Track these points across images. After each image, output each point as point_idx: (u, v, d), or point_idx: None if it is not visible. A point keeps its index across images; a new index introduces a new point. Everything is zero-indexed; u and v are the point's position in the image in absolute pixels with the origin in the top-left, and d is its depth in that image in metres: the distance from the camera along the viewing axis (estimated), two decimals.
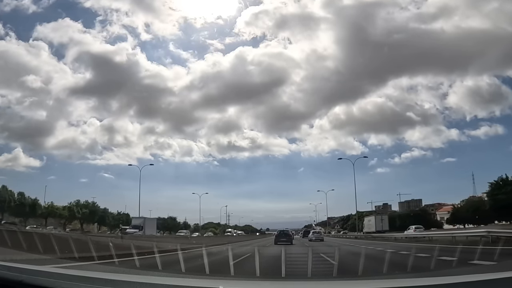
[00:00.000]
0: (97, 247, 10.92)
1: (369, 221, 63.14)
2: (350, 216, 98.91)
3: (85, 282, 2.32)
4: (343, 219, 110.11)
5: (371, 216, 66.39)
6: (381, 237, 43.68)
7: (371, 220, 62.38)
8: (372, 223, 61.00)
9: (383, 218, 61.25)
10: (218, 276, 7.22)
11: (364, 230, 63.65)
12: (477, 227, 39.11)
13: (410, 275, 7.27)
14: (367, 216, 72.43)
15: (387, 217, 63.62)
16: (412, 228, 39.56)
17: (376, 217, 63.18)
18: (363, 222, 67.98)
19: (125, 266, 9.36)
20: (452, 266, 9.29)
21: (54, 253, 9.38)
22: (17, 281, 2.23)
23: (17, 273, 2.39)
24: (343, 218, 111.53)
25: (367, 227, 63.35)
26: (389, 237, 41.31)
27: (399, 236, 38.18)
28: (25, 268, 2.59)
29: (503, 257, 10.43)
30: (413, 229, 39.18)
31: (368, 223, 63.06)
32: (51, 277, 2.38)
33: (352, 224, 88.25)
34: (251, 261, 11.04)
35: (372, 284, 3.53)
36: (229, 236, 63.48)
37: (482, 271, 3.35)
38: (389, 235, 43.83)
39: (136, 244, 14.23)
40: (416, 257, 11.97)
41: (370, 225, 61.18)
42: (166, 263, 9.86)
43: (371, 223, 61.35)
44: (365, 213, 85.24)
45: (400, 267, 9.75)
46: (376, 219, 61.40)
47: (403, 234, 38.62)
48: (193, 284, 2.65)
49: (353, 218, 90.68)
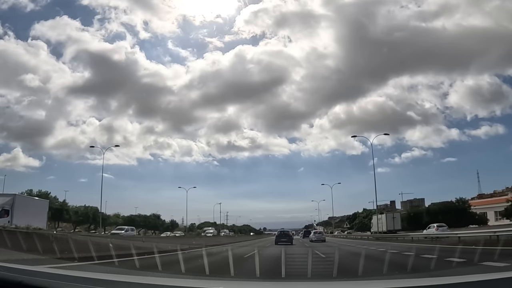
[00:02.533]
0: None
1: (378, 220, 56.77)
2: (356, 214, 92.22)
3: (85, 283, 2.32)
4: (348, 217, 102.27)
5: (381, 214, 59.29)
6: (394, 238, 38.35)
7: (381, 219, 56.04)
8: (382, 222, 54.93)
9: (395, 215, 55.41)
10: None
11: (372, 230, 58.95)
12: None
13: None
14: (375, 214, 66.22)
15: (399, 214, 57.91)
16: (434, 227, 35.52)
17: (387, 214, 56.46)
18: (371, 221, 62.93)
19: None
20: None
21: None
22: (17, 282, 2.22)
23: (17, 274, 2.39)
24: (349, 217, 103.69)
25: (375, 226, 57.39)
26: (403, 237, 36.36)
27: (417, 236, 33.31)
28: (25, 269, 2.59)
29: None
30: (434, 227, 35.15)
31: (377, 221, 56.84)
32: (51, 278, 2.38)
33: (360, 223, 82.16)
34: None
35: (372, 284, 3.52)
36: (206, 237, 48.62)
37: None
38: (403, 235, 39.18)
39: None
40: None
41: (380, 224, 55.08)
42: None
43: (380, 222, 55.23)
44: (373, 210, 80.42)
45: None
46: (387, 217, 54.91)
47: (422, 234, 34.18)
48: (193, 285, 2.65)
49: (360, 217, 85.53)
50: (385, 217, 54.79)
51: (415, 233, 36.97)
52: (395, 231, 47.49)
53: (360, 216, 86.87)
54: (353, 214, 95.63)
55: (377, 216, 56.90)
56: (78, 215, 65.37)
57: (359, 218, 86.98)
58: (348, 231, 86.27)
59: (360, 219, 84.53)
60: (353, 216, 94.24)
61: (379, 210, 65.79)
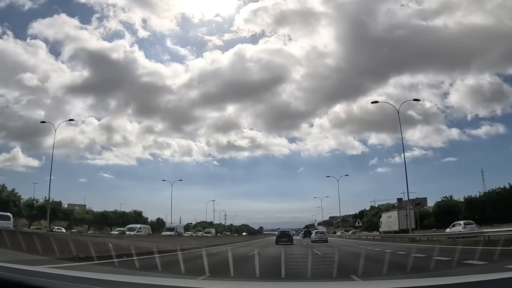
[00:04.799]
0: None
1: (389, 218, 50.71)
2: (363, 212, 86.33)
3: (85, 283, 2.32)
4: (355, 215, 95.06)
5: (392, 211, 52.69)
6: (410, 238, 31.64)
7: (392, 216, 49.53)
8: (393, 220, 48.70)
9: (409, 213, 46.75)
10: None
11: (382, 229, 53.08)
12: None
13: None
14: (385, 211, 59.71)
15: (414, 211, 49.23)
16: (460, 224, 31.53)
17: (400, 211, 48.45)
18: (380, 219, 56.74)
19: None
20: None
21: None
22: (17, 282, 2.22)
23: (17, 274, 2.39)
24: (355, 215, 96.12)
25: (386, 225, 51.59)
26: (418, 237, 30.37)
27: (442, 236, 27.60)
28: (25, 269, 2.59)
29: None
30: (461, 225, 31.14)
31: (388, 220, 50.71)
32: (51, 278, 2.39)
33: (369, 222, 73.99)
34: None
35: (372, 285, 3.52)
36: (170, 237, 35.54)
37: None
38: (421, 235, 33.72)
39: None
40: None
41: (391, 222, 49.29)
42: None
43: (391, 220, 49.27)
44: (382, 207, 72.94)
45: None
46: (399, 214, 47.13)
47: (445, 233, 29.26)
48: (194, 285, 2.65)
49: (369, 215, 78.31)
50: (397, 214, 47.84)
51: (434, 233, 32.78)
52: (408, 230, 42.37)
53: (368, 214, 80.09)
54: (360, 212, 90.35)
55: (399, 212, 48.62)
56: (33, 208, 56.61)
57: (367, 217, 79.12)
58: (352, 231, 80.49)
59: (368, 218, 76.92)
60: (360, 214, 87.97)
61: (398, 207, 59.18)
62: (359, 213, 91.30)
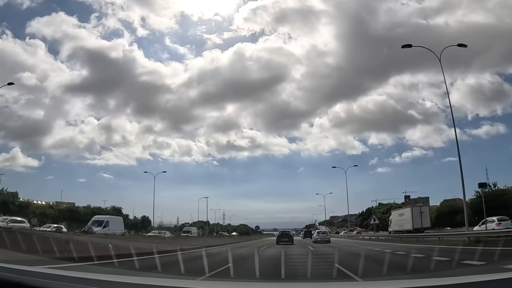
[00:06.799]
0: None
1: (400, 216, 45.63)
2: (371, 210, 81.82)
3: (84, 284, 2.32)
4: (361, 214, 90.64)
5: (405, 208, 48.01)
6: (423, 237, 29.14)
7: (405, 214, 44.53)
8: (405, 218, 43.68)
9: (423, 210, 42.52)
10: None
11: (391, 229, 48.16)
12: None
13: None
14: (395, 209, 54.75)
15: (428, 208, 45.28)
16: (494, 221, 27.77)
17: (413, 209, 43.68)
18: (389, 217, 51.36)
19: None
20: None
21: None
22: (16, 282, 2.22)
23: (16, 274, 2.39)
24: (362, 213, 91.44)
25: (396, 224, 46.50)
26: (440, 237, 27.09)
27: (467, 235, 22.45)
28: (24, 270, 2.59)
29: None
30: (494, 222, 27.61)
31: (399, 218, 45.53)
32: (50, 279, 2.39)
33: (379, 220, 64.06)
34: None
35: (372, 285, 3.52)
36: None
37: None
38: (441, 234, 30.79)
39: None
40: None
41: (403, 221, 44.32)
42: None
43: (403, 219, 44.25)
44: (394, 205, 68.61)
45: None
46: (413, 211, 42.45)
47: (473, 232, 24.50)
48: (193, 285, 2.65)
49: (378, 213, 69.95)
50: (411, 211, 42.96)
51: (456, 232, 28.59)
52: (423, 229, 39.05)
53: (377, 212, 73.81)
54: (367, 210, 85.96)
55: (412, 209, 44.11)
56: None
57: (377, 215, 70.19)
58: (357, 231, 76.61)
59: (378, 216, 68.84)
60: (367, 212, 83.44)
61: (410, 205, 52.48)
62: (366, 210, 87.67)
